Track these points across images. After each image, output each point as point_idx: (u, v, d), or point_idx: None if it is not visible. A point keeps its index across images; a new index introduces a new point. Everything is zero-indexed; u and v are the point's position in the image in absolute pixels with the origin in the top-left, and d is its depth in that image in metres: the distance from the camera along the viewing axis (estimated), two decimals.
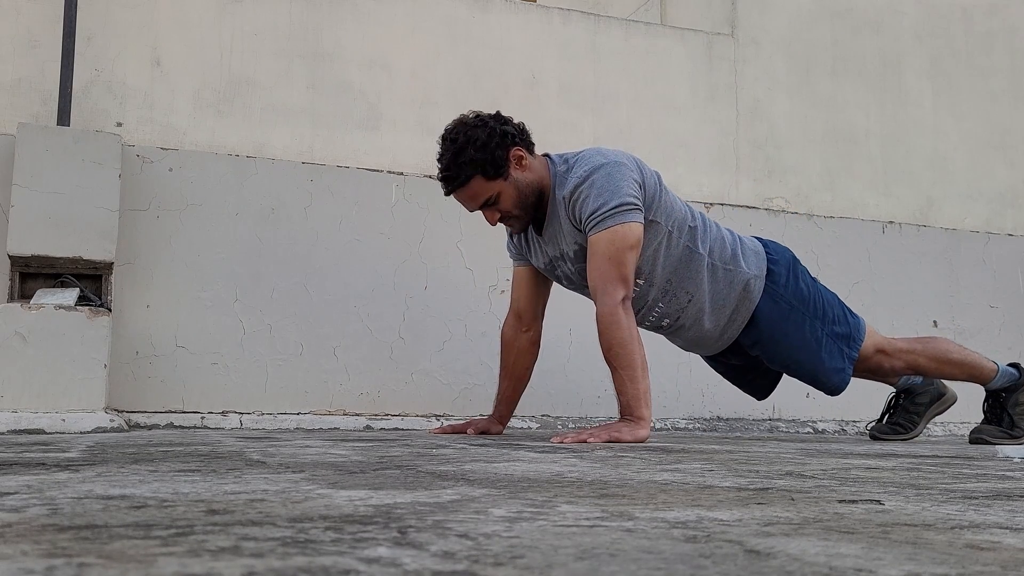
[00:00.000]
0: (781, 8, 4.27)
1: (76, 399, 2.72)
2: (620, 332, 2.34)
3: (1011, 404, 2.82)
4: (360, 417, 3.29)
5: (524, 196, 2.47)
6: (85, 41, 3.24)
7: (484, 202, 2.47)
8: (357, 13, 3.61)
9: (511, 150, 2.44)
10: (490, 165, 2.41)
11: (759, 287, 2.63)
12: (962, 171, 4.51)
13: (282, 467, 1.26)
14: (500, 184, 2.44)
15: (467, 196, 2.48)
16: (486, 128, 2.44)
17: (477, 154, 2.41)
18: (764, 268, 2.66)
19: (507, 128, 2.46)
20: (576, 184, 2.42)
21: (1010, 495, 1.00)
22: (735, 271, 2.61)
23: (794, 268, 2.73)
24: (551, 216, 2.51)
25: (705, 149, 4.06)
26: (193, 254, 3.22)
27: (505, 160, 2.43)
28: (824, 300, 2.72)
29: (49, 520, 0.68)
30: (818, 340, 2.67)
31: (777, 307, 2.65)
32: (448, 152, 2.45)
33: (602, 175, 2.40)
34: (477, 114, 2.50)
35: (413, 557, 0.54)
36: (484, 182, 2.44)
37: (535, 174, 2.49)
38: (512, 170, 2.45)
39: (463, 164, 2.42)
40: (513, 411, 2.86)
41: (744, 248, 2.66)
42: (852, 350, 2.71)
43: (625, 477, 1.17)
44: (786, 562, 0.55)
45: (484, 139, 2.41)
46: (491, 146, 2.41)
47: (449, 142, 2.46)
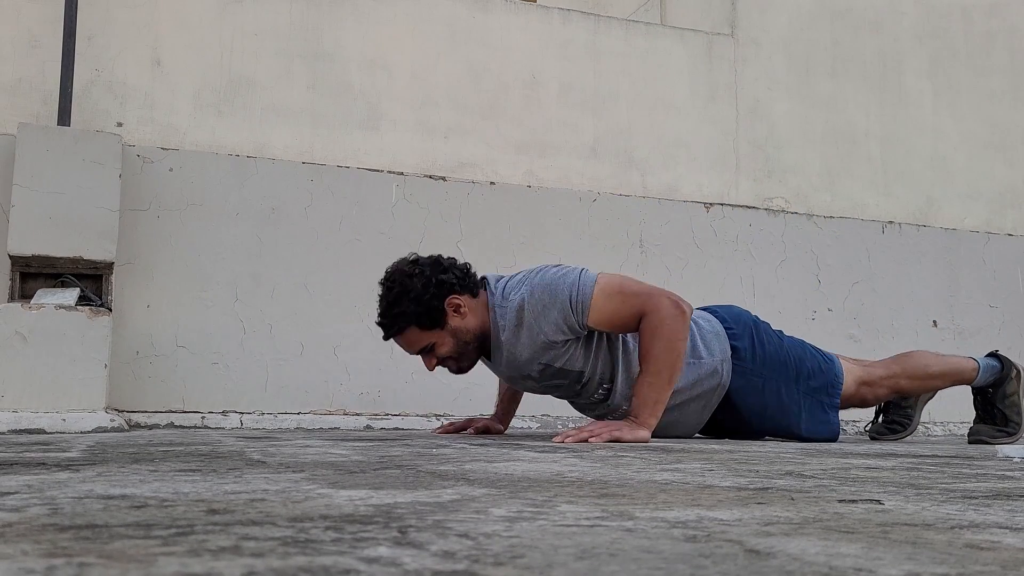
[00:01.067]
0: (781, 8, 4.27)
1: (76, 399, 2.72)
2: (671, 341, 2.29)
3: (999, 399, 2.81)
4: (360, 417, 3.29)
5: (462, 343, 2.41)
6: (85, 41, 3.24)
7: (421, 349, 2.43)
8: (357, 13, 3.61)
9: (448, 299, 2.37)
10: (425, 316, 2.36)
11: (727, 370, 2.57)
12: (962, 171, 4.51)
13: (282, 467, 1.26)
14: (437, 333, 2.39)
15: (404, 343, 2.44)
16: (422, 278, 2.37)
17: (411, 306, 2.35)
18: (728, 348, 2.59)
19: (444, 277, 2.38)
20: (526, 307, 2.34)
21: (1010, 495, 1.00)
22: (698, 363, 2.54)
23: (756, 335, 2.65)
24: (496, 350, 2.44)
25: (705, 149, 4.06)
26: (193, 254, 3.22)
27: (441, 310, 2.37)
28: (794, 357, 2.66)
29: (49, 520, 0.68)
30: (797, 403, 2.62)
31: (750, 382, 2.59)
32: (384, 300, 2.40)
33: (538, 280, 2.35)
34: (416, 259, 2.44)
35: (413, 557, 0.54)
36: (419, 332, 2.38)
37: (475, 318, 2.41)
38: (450, 319, 2.38)
39: (397, 315, 2.37)
40: (514, 411, 2.86)
41: (703, 334, 2.59)
42: (834, 397, 2.66)
43: (625, 477, 1.17)
44: (786, 562, 0.55)
45: (419, 290, 2.35)
46: (426, 297, 2.35)
47: (385, 290, 2.41)
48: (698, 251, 3.88)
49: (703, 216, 3.90)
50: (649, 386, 2.29)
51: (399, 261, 2.46)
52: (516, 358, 2.41)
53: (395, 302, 2.37)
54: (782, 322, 3.93)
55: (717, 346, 2.58)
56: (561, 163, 3.82)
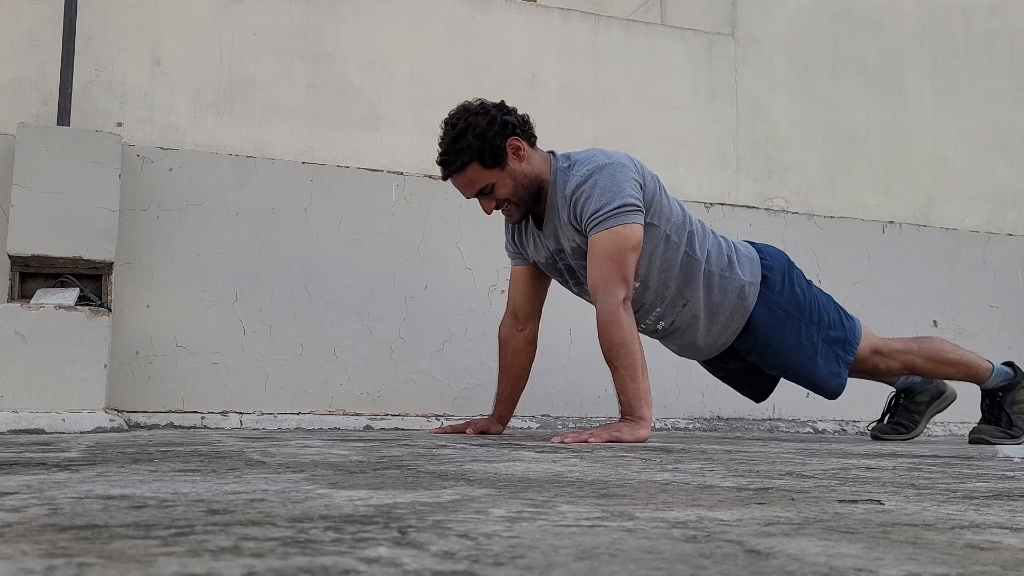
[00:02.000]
0: (781, 8, 4.27)
1: (76, 399, 2.72)
2: (621, 332, 2.35)
3: (1008, 403, 2.83)
4: (360, 417, 3.29)
5: (521, 187, 2.48)
6: (85, 41, 3.24)
7: (480, 190, 2.48)
8: (357, 13, 3.61)
9: (509, 140, 2.44)
10: (488, 153, 2.42)
11: (754, 293, 2.63)
12: (962, 171, 4.51)
13: (282, 467, 1.26)
14: (497, 173, 2.45)
15: (463, 182, 2.49)
16: (487, 116, 2.44)
17: (475, 141, 2.41)
18: (759, 274, 2.66)
19: (508, 118, 2.46)
20: (578, 183, 2.42)
21: (1010, 495, 1.00)
22: (730, 277, 2.60)
23: (789, 273, 2.73)
24: (550, 211, 2.51)
25: (705, 149, 4.06)
26: (193, 254, 3.22)
27: (503, 149, 2.43)
28: (819, 304, 2.72)
29: (49, 520, 0.68)
30: (814, 345, 2.67)
31: (772, 313, 2.65)
32: (447, 137, 2.46)
33: (605, 175, 2.41)
34: (481, 101, 2.50)
35: (413, 557, 0.54)
36: (481, 169, 2.44)
37: (534, 166, 2.49)
38: (510, 160, 2.45)
39: (460, 150, 2.43)
40: (513, 411, 2.86)
41: (739, 254, 2.66)
42: (848, 354, 2.72)
43: (625, 477, 1.17)
44: (786, 562, 0.55)
45: (483, 127, 2.41)
46: (490, 134, 2.41)
47: (449, 127, 2.46)
48: None
49: (703, 216, 3.89)
50: (628, 380, 2.34)
51: (463, 103, 2.51)
52: (560, 230, 2.49)
53: (459, 137, 2.43)
54: None
55: (749, 269, 2.65)
56: None
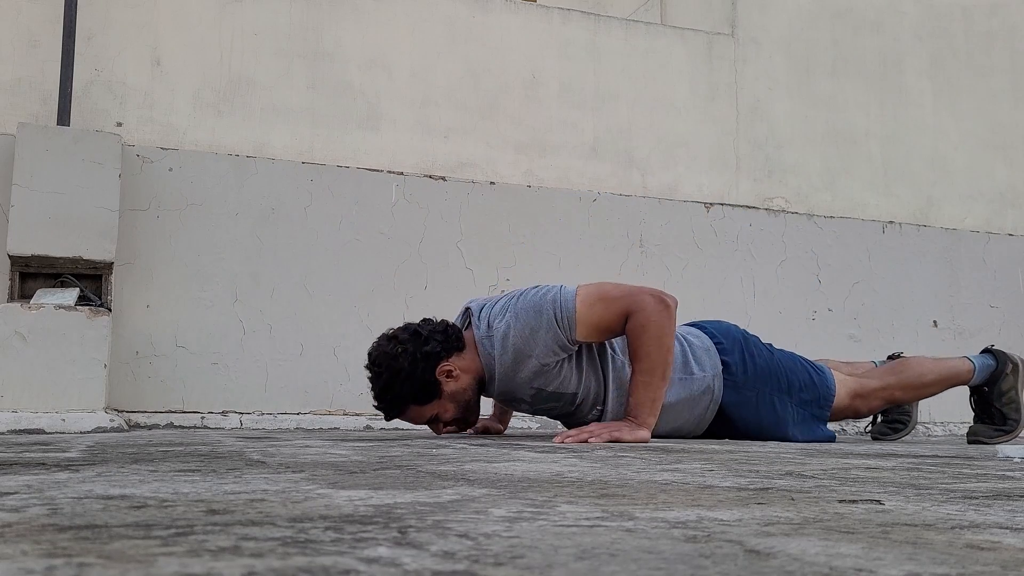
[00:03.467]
0: (781, 8, 4.27)
1: (76, 399, 2.72)
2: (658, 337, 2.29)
3: (996, 396, 2.79)
4: (360, 417, 3.29)
5: (463, 402, 2.40)
6: (85, 41, 3.24)
7: (427, 420, 2.42)
8: (357, 13, 3.61)
9: (438, 368, 2.34)
10: (420, 392, 2.34)
11: (719, 385, 2.57)
12: (962, 171, 4.51)
13: (282, 467, 1.26)
14: (436, 403, 2.37)
15: (409, 420, 2.44)
16: (407, 356, 2.32)
17: (404, 386, 2.32)
18: (719, 364, 2.59)
19: (428, 348, 2.34)
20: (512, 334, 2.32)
21: (1010, 495, 1.00)
22: (690, 379, 2.53)
23: (746, 348, 2.65)
24: (489, 380, 2.43)
25: (705, 149, 4.06)
26: (193, 254, 3.22)
27: (434, 382, 2.34)
28: (785, 370, 2.65)
29: (49, 520, 0.68)
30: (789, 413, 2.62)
31: (742, 396, 2.59)
32: (376, 386, 2.37)
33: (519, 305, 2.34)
34: (394, 335, 2.39)
35: (413, 557, 0.54)
36: (419, 407, 2.37)
37: (469, 373, 2.39)
38: (445, 386, 2.36)
39: (393, 399, 2.35)
40: (513, 411, 2.86)
41: (694, 350, 2.58)
42: (824, 410, 2.67)
43: (625, 477, 1.17)
44: (786, 562, 0.55)
45: (408, 369, 2.31)
46: (417, 374, 2.32)
47: (375, 376, 2.37)
48: (698, 251, 3.88)
49: (703, 216, 3.90)
50: (644, 385, 2.30)
51: (378, 341, 2.41)
52: (509, 384, 2.40)
53: (387, 387, 2.34)
54: (782, 322, 3.93)
55: (708, 362, 2.57)
56: (561, 163, 3.82)
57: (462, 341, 2.42)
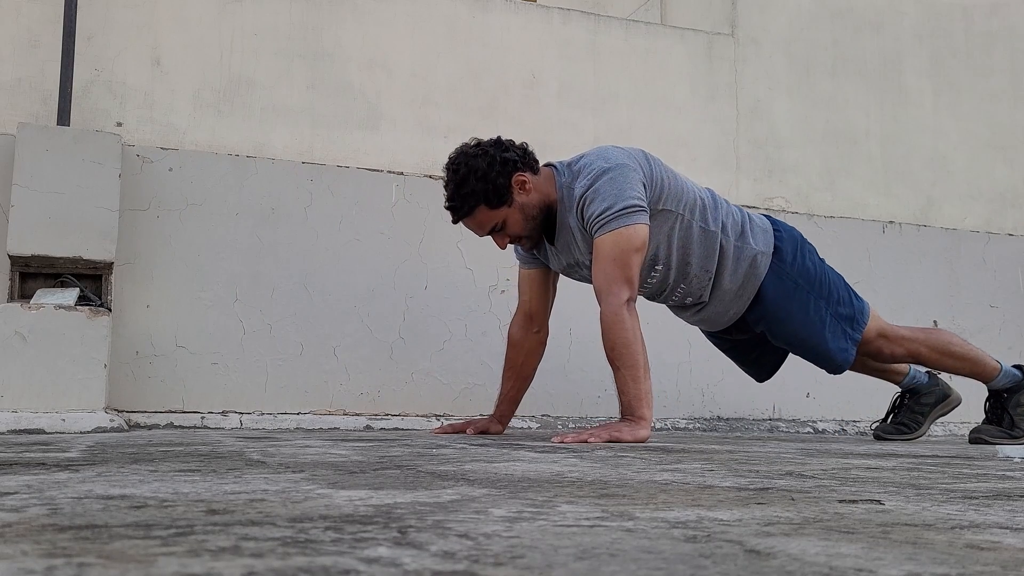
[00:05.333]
0: (781, 8, 4.27)
1: (76, 399, 2.72)
2: (624, 333, 2.36)
3: (1012, 404, 2.82)
4: (360, 417, 3.29)
5: (531, 219, 2.50)
6: (85, 41, 3.24)
7: (491, 228, 2.50)
8: (357, 13, 3.61)
9: (513, 176, 2.45)
10: (493, 194, 2.44)
11: (765, 263, 2.65)
12: (962, 171, 4.51)
13: (282, 467, 1.26)
14: (505, 211, 2.47)
15: (474, 224, 2.52)
16: (487, 157, 2.45)
17: (479, 184, 2.43)
18: (771, 245, 2.68)
19: (508, 155, 2.47)
20: (582, 191, 2.44)
21: (1010, 495, 1.00)
22: (743, 247, 2.63)
23: (802, 247, 2.74)
24: (561, 227, 2.53)
25: (705, 149, 4.06)
26: (193, 254, 3.22)
27: (508, 187, 2.45)
28: (830, 281, 2.74)
29: (49, 520, 0.68)
30: (822, 319, 2.69)
31: (782, 284, 2.66)
32: (451, 183, 2.47)
33: (606, 180, 2.42)
34: (478, 142, 2.52)
35: (413, 557, 0.54)
36: (488, 211, 2.46)
37: (540, 194, 2.50)
38: (516, 196, 2.46)
39: (466, 195, 2.44)
40: (515, 411, 2.86)
41: (753, 225, 2.68)
42: (856, 331, 2.73)
43: (625, 477, 1.17)
44: (786, 562, 0.55)
45: (485, 168, 2.43)
46: (492, 175, 2.43)
47: (451, 172, 2.48)
48: None
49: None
50: (630, 380, 2.35)
51: (461, 146, 2.53)
52: (573, 244, 2.52)
53: (463, 182, 2.44)
54: None
55: (762, 239, 2.67)
56: None
57: (538, 167, 2.55)
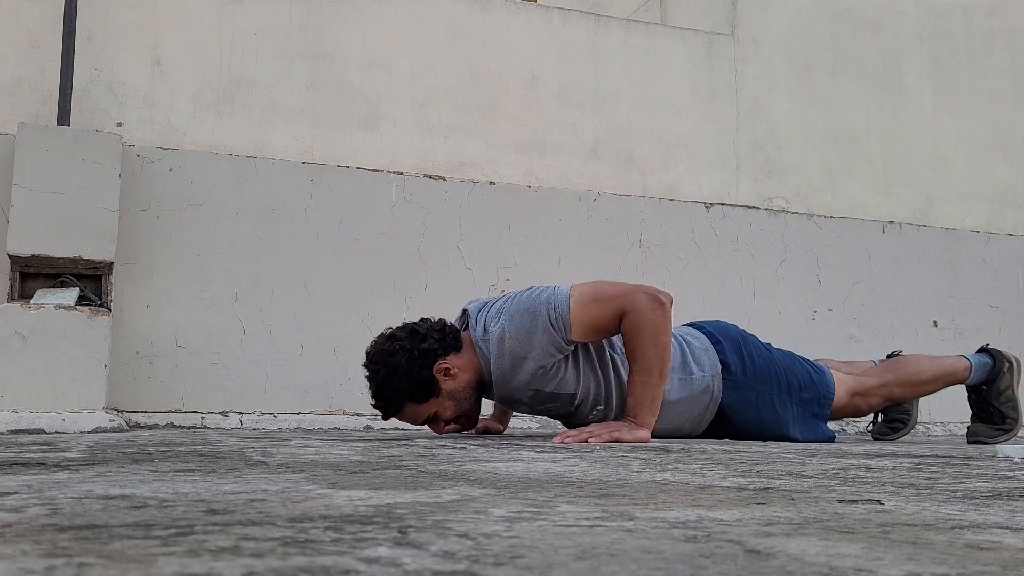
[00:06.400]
0: (781, 8, 4.27)
1: (76, 399, 2.72)
2: (654, 336, 2.28)
3: (994, 396, 2.80)
4: (360, 417, 3.29)
5: (462, 400, 2.39)
6: (85, 41, 3.24)
7: (425, 419, 2.41)
8: (357, 13, 3.61)
9: (434, 366, 2.33)
10: (418, 390, 2.33)
11: (719, 385, 2.57)
12: (962, 171, 4.51)
13: (282, 467, 1.26)
14: (434, 402, 2.36)
15: (408, 419, 2.42)
16: (404, 353, 2.32)
17: (402, 383, 2.31)
18: (718, 364, 2.58)
19: (425, 345, 2.34)
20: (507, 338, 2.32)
21: (1010, 495, 1.00)
22: (690, 379, 2.53)
23: (745, 348, 2.65)
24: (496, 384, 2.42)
25: (705, 149, 4.06)
26: (193, 254, 3.22)
27: (431, 379, 2.33)
28: (784, 369, 2.65)
29: (49, 520, 0.68)
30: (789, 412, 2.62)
31: (741, 396, 2.59)
32: (373, 383, 2.36)
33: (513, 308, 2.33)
34: (392, 334, 2.38)
35: (413, 557, 0.54)
36: (417, 406, 2.36)
37: (468, 373, 2.38)
38: (442, 384, 2.35)
39: (391, 396, 2.34)
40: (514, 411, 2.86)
41: (693, 351, 2.58)
42: (824, 408, 2.67)
43: (625, 477, 1.17)
44: (786, 562, 0.55)
45: (405, 366, 2.31)
46: (414, 371, 2.31)
47: (372, 373, 2.36)
48: (698, 251, 3.88)
49: (703, 216, 3.90)
50: (642, 385, 2.29)
51: (376, 341, 2.40)
52: (507, 387, 2.39)
53: (385, 384, 2.33)
54: (782, 322, 3.93)
55: (707, 362, 2.57)
56: (561, 163, 3.82)
57: (460, 341, 2.41)
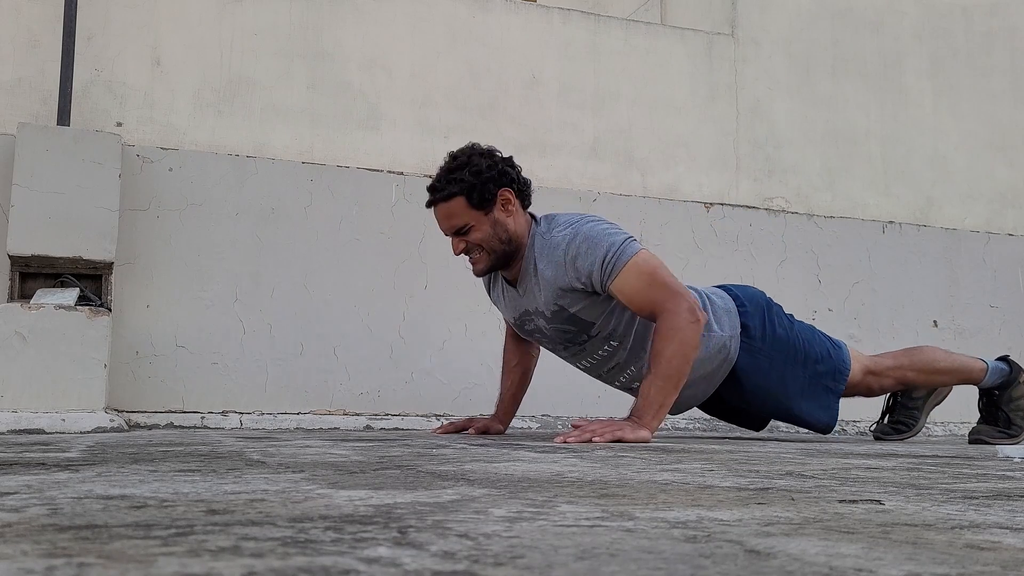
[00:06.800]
0: (781, 8, 4.27)
1: (76, 399, 2.72)
2: (684, 347, 2.29)
3: (1005, 401, 2.82)
4: (360, 417, 3.29)
5: (497, 239, 2.43)
6: (85, 41, 3.24)
7: (458, 228, 2.44)
8: (357, 13, 3.61)
9: (503, 189, 2.42)
10: (477, 192, 2.39)
11: (735, 346, 2.58)
12: (962, 171, 4.51)
13: (282, 467, 1.26)
14: (479, 216, 2.41)
15: (444, 213, 2.45)
16: (490, 159, 2.43)
17: (470, 177, 2.39)
18: (738, 325, 2.60)
19: (510, 170, 2.45)
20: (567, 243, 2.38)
21: (1010, 495, 1.00)
22: (708, 336, 2.52)
23: (768, 316, 2.66)
24: (525, 272, 2.47)
25: (705, 149, 4.06)
26: (193, 254, 3.22)
27: (493, 195, 2.41)
28: (803, 341, 2.67)
29: (49, 520, 0.68)
30: (801, 386, 2.63)
31: (756, 361, 2.60)
32: (445, 167, 2.46)
33: (588, 227, 2.39)
34: (490, 148, 2.50)
35: (413, 557, 0.54)
36: (465, 206, 2.41)
37: (517, 226, 2.45)
38: (496, 208, 2.42)
39: (452, 180, 2.41)
40: (515, 411, 2.86)
41: (715, 308, 2.59)
42: (839, 383, 2.68)
43: (625, 477, 1.17)
44: (786, 562, 0.55)
45: (483, 168, 2.40)
46: (485, 176, 2.40)
47: (450, 159, 2.46)
48: (698, 251, 3.88)
49: (703, 216, 3.90)
50: (658, 389, 2.27)
51: (474, 143, 2.52)
52: (537, 292, 2.45)
53: (456, 169, 2.42)
54: None
55: (728, 322, 2.60)
56: (561, 163, 3.82)
57: (528, 203, 2.51)
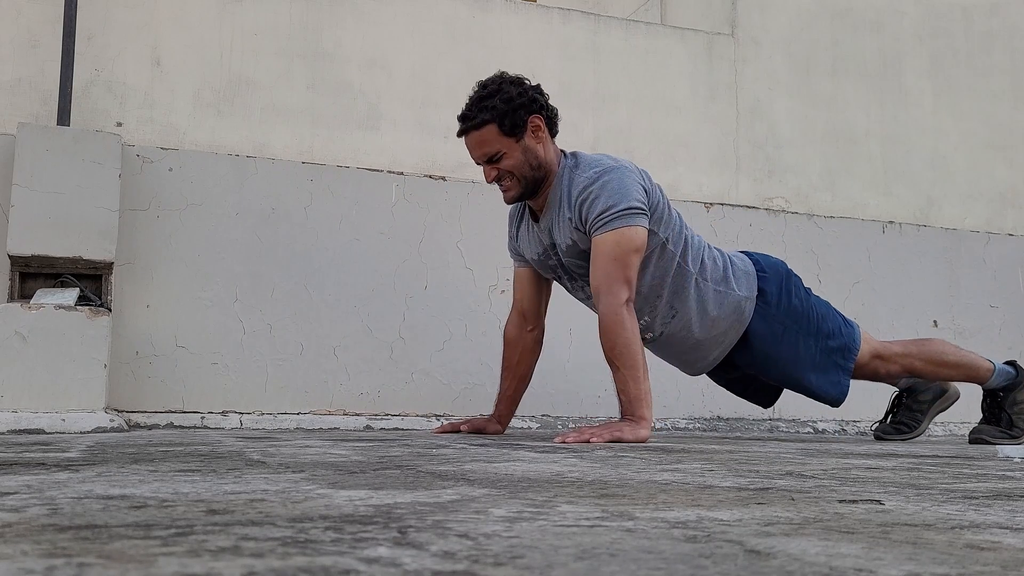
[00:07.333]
0: (781, 8, 4.27)
1: (76, 399, 2.72)
2: (624, 333, 2.37)
3: (1009, 403, 2.83)
4: (360, 417, 3.29)
5: (528, 165, 2.50)
6: (85, 41, 3.24)
7: (490, 156, 2.50)
8: (357, 13, 3.61)
9: (533, 116, 2.48)
10: (508, 119, 2.45)
11: (750, 308, 2.63)
12: (962, 171, 4.51)
13: (282, 467, 1.26)
14: (510, 143, 2.47)
15: (476, 141, 2.51)
16: (520, 87, 2.49)
17: (501, 104, 2.45)
18: (755, 289, 2.66)
19: (539, 98, 2.51)
20: (586, 184, 2.45)
21: (1010, 495, 1.00)
22: (726, 293, 2.60)
23: (786, 284, 2.72)
24: (550, 204, 2.54)
25: (705, 149, 4.06)
26: (193, 254, 3.22)
27: (524, 122, 2.47)
28: (818, 314, 2.71)
29: (49, 520, 0.68)
30: (812, 356, 2.67)
31: (769, 327, 2.65)
32: (475, 95, 2.51)
33: (613, 177, 2.43)
34: (519, 76, 2.56)
35: (413, 557, 0.54)
36: (497, 133, 2.47)
37: (546, 153, 2.52)
38: (527, 135, 2.48)
39: (484, 108, 2.47)
40: (514, 411, 2.86)
41: (735, 269, 2.65)
42: (848, 361, 2.72)
43: (625, 477, 1.17)
44: (786, 562, 0.55)
45: (513, 95, 2.46)
46: (516, 103, 2.45)
47: (480, 87, 2.52)
48: None
49: (703, 216, 3.90)
50: (631, 381, 2.35)
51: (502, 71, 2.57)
52: (558, 225, 2.52)
53: (487, 97, 2.48)
54: None
55: (746, 284, 2.65)
56: None
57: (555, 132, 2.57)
